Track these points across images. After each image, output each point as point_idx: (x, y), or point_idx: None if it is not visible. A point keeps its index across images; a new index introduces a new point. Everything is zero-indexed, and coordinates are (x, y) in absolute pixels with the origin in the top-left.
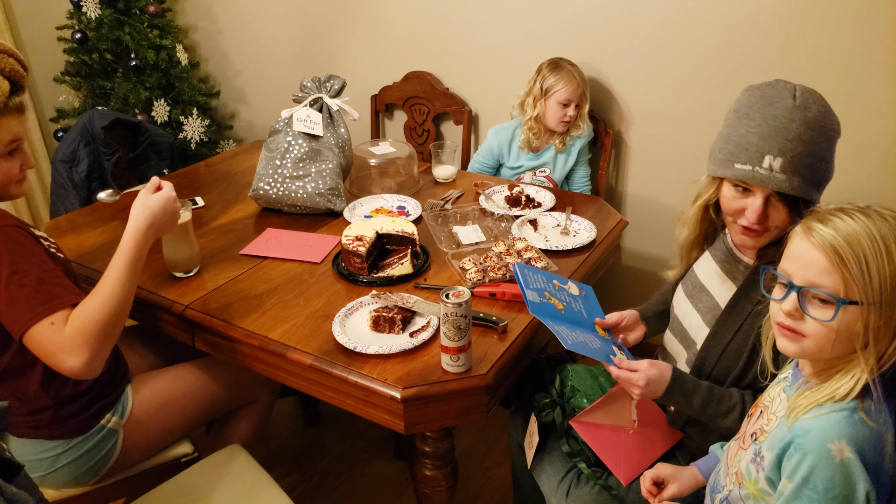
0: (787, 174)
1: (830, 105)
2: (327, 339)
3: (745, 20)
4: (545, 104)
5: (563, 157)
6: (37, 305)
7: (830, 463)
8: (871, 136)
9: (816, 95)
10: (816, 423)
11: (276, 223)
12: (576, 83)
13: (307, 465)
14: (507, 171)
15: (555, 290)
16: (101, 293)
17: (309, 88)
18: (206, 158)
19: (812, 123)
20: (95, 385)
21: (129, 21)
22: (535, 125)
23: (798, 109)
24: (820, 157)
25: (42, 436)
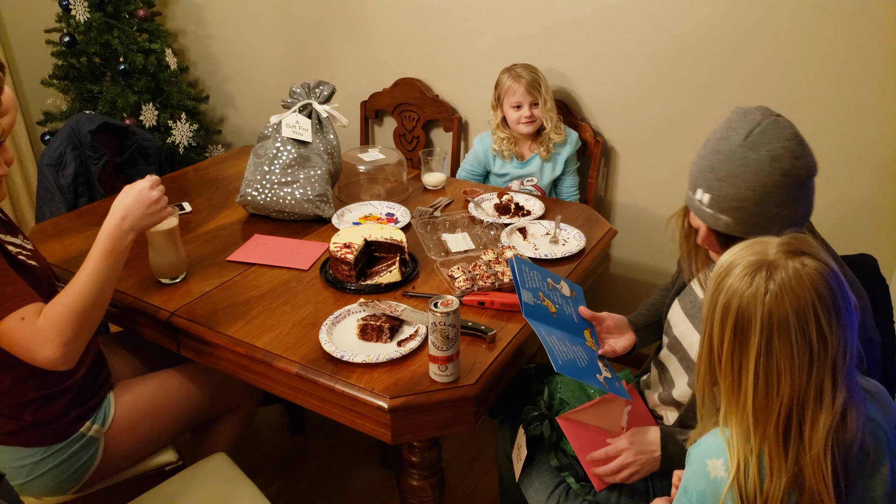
0: (714, 210)
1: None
2: (314, 347)
3: (735, 28)
4: (502, 110)
5: (550, 166)
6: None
7: (704, 477)
8: (867, 145)
9: (778, 135)
10: (705, 439)
11: (263, 229)
12: (522, 84)
13: (292, 474)
14: (495, 178)
15: (548, 291)
16: (76, 285)
17: (298, 94)
18: (194, 163)
19: (752, 166)
20: (73, 390)
21: (118, 25)
22: (502, 133)
23: (743, 148)
24: (756, 201)
25: (19, 443)
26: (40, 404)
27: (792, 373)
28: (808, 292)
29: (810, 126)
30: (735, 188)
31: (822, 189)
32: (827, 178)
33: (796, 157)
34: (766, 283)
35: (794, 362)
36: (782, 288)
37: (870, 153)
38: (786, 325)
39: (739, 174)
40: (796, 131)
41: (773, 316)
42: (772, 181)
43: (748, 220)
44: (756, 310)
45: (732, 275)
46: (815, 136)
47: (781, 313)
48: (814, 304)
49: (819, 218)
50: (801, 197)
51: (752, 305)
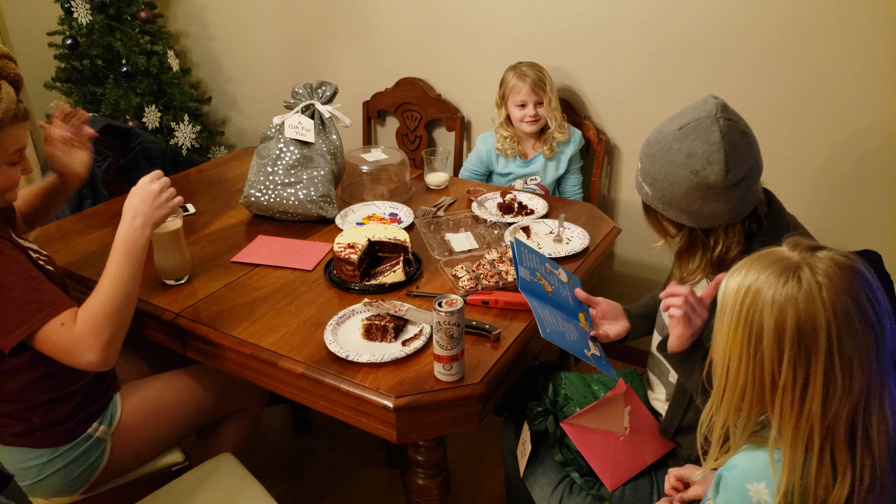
0: (641, 179)
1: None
2: (319, 347)
3: (737, 26)
4: (507, 108)
5: (553, 165)
6: (33, 313)
7: (746, 503)
8: (870, 140)
9: (704, 137)
10: (742, 461)
11: (267, 230)
12: (527, 83)
13: (298, 474)
14: (498, 177)
15: (545, 273)
16: (103, 288)
17: (301, 95)
18: (197, 165)
19: (670, 155)
20: (81, 392)
21: (121, 27)
22: (505, 131)
23: (671, 136)
24: (666, 185)
25: (27, 444)
26: (49, 406)
27: (862, 364)
28: (855, 276)
29: (812, 122)
30: (653, 167)
31: (826, 184)
32: (831, 173)
33: (710, 161)
34: (815, 278)
35: (861, 351)
36: (831, 279)
37: (874, 148)
38: (848, 313)
39: (659, 157)
40: (723, 139)
41: (837, 307)
42: (681, 174)
43: (662, 199)
44: (818, 308)
45: (768, 290)
46: (817, 132)
47: (842, 303)
48: (863, 287)
49: (824, 213)
50: (715, 199)
51: (812, 306)
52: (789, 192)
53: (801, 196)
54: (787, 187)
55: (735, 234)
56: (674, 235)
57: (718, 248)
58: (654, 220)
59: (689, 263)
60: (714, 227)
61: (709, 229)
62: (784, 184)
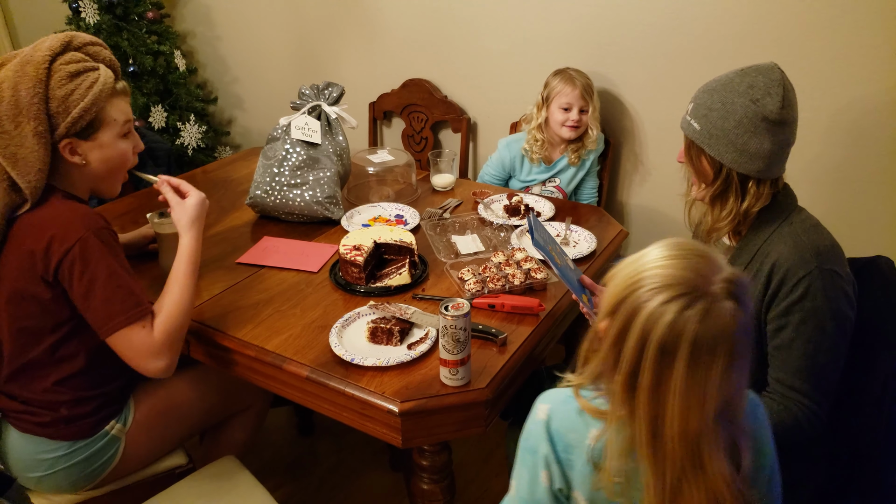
0: (691, 118)
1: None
2: (324, 350)
3: (751, 28)
4: (548, 110)
5: (575, 169)
6: (130, 307)
7: (533, 418)
8: (883, 145)
9: (765, 73)
10: (556, 392)
11: (273, 231)
12: (576, 87)
13: (302, 476)
14: (518, 184)
15: (557, 251)
16: (176, 299)
17: (307, 96)
18: (203, 165)
19: (730, 86)
20: (109, 391)
21: (128, 27)
22: (539, 134)
23: (733, 73)
24: (722, 115)
25: (47, 434)
26: (77, 402)
27: (703, 398)
28: (731, 330)
29: (825, 125)
30: (710, 99)
31: (837, 190)
32: (842, 178)
33: (769, 94)
34: (702, 312)
35: (705, 388)
36: (708, 312)
37: (886, 153)
38: (707, 348)
39: (718, 89)
40: (783, 80)
41: (698, 337)
42: (739, 102)
43: (712, 132)
44: (683, 336)
45: (652, 298)
46: (830, 137)
47: (705, 335)
48: (732, 346)
49: (835, 219)
50: (765, 135)
51: (681, 330)
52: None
53: (807, 197)
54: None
55: (765, 188)
56: (709, 181)
57: (749, 199)
58: (695, 162)
59: (720, 210)
60: (750, 173)
61: (745, 177)
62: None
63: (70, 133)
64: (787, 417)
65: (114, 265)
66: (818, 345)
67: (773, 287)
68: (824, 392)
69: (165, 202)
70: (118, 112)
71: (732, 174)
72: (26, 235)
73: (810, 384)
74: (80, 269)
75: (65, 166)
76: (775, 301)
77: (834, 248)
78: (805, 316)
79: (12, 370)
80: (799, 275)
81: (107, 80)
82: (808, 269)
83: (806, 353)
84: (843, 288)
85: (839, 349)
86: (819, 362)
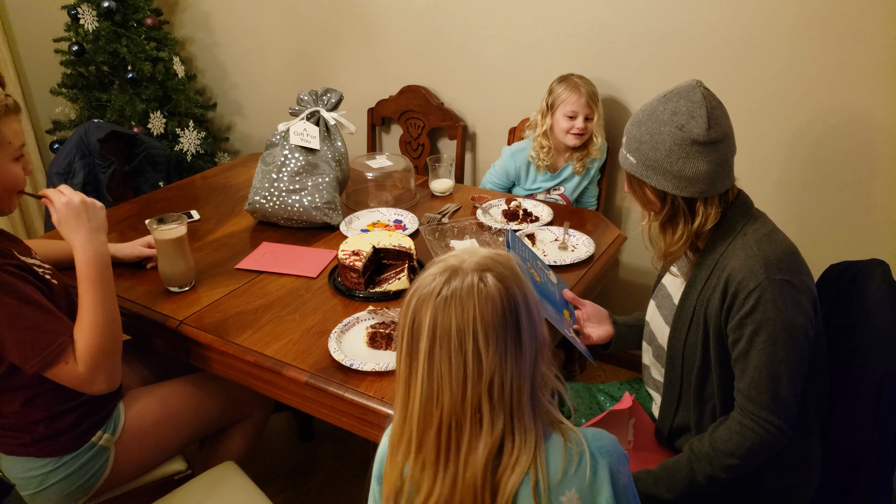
0: (625, 151)
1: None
2: (323, 355)
3: (750, 36)
4: (553, 118)
5: (579, 178)
6: (43, 348)
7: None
8: (881, 148)
9: (687, 97)
10: None
11: (271, 237)
12: (581, 94)
13: (302, 482)
14: (522, 192)
15: (536, 267)
16: (88, 320)
17: (306, 101)
18: (201, 171)
19: (655, 115)
20: (86, 402)
21: (127, 33)
22: (545, 141)
23: (656, 101)
24: (652, 146)
25: (32, 453)
26: (53, 418)
27: (451, 385)
28: (473, 309)
29: (821, 129)
30: (639, 131)
31: (834, 193)
32: (840, 182)
33: (693, 117)
34: (442, 286)
35: (451, 375)
36: (452, 296)
37: (883, 156)
38: (447, 334)
39: (644, 120)
40: (705, 99)
41: (438, 322)
42: (666, 131)
43: (647, 164)
44: (426, 312)
45: (427, 272)
46: (828, 141)
47: (445, 321)
48: (475, 322)
49: (832, 222)
50: (698, 157)
51: (425, 306)
52: (799, 196)
53: (800, 202)
54: (798, 192)
55: (713, 206)
56: (657, 209)
57: (698, 219)
58: (638, 193)
59: (671, 234)
60: (695, 195)
61: (690, 199)
62: (794, 189)
63: None
64: (748, 439)
65: (15, 306)
66: (772, 355)
67: (728, 300)
68: (783, 402)
69: None
70: (13, 134)
71: (678, 199)
72: None
73: (768, 395)
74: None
75: None
76: (731, 314)
77: (788, 257)
78: (757, 327)
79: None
80: (749, 287)
81: (2, 98)
82: (758, 280)
83: (760, 364)
84: (794, 297)
85: (795, 358)
86: (775, 372)
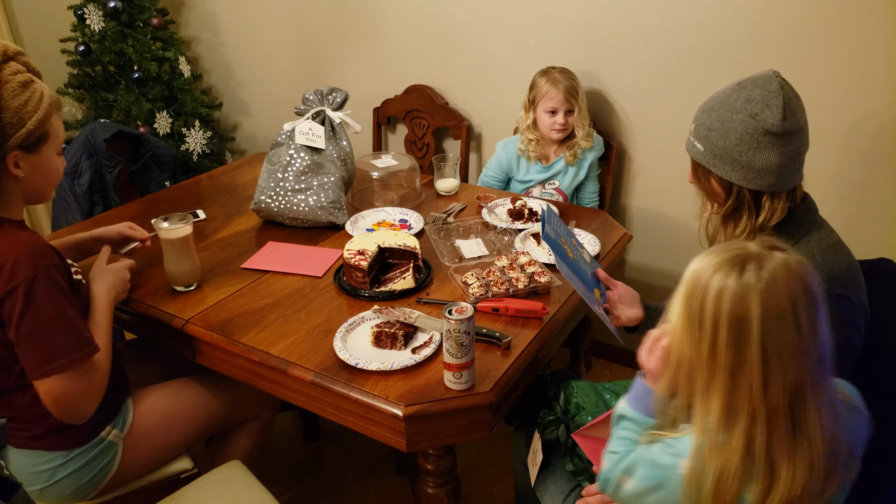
0: (693, 139)
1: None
2: (328, 354)
3: (749, 33)
4: (535, 113)
5: (574, 170)
6: (81, 346)
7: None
8: (889, 147)
9: (762, 85)
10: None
11: (277, 236)
12: (560, 90)
13: (307, 481)
14: (518, 184)
15: (571, 244)
16: (105, 345)
17: (311, 101)
18: (207, 170)
19: (727, 102)
20: None
21: (133, 33)
22: (531, 134)
23: (730, 89)
24: (722, 134)
25: (41, 447)
26: None
27: (795, 360)
28: (798, 282)
29: (826, 126)
30: (709, 118)
31: (842, 192)
32: (848, 180)
33: (768, 106)
34: (759, 273)
35: (794, 349)
36: (774, 277)
37: (891, 156)
38: (782, 313)
39: (716, 107)
40: (783, 88)
41: (770, 304)
42: (738, 119)
43: (715, 152)
44: (751, 302)
45: (713, 277)
46: (836, 139)
47: (777, 301)
48: (803, 294)
49: (839, 221)
50: (770, 149)
51: (746, 298)
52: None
53: None
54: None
55: (780, 202)
56: (721, 200)
57: (763, 214)
58: (703, 183)
59: (733, 228)
60: (762, 189)
61: (757, 193)
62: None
63: (20, 145)
64: None
65: (63, 306)
66: None
67: None
68: None
69: None
70: (59, 127)
71: (744, 191)
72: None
73: None
74: (19, 311)
75: (3, 181)
76: None
77: (850, 272)
78: None
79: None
80: None
81: (50, 93)
82: None
83: None
84: (851, 314)
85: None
86: None
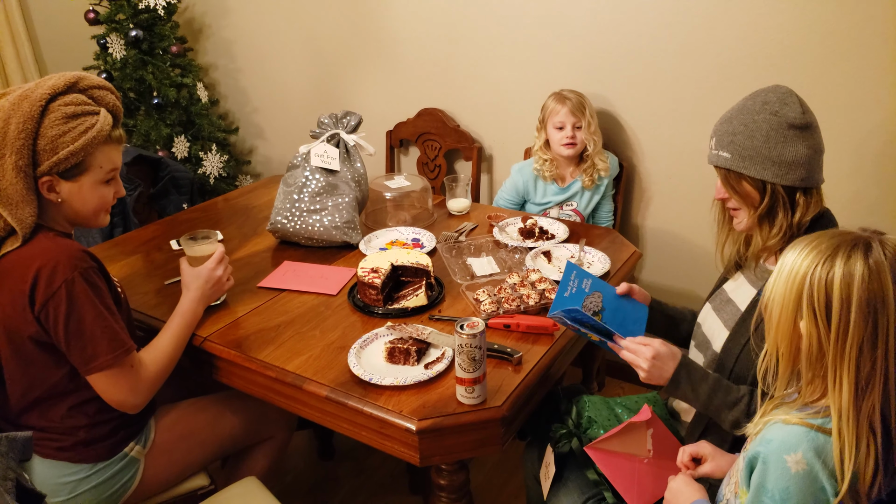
0: (717, 150)
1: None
2: (343, 370)
3: (754, 53)
4: (546, 131)
5: (589, 193)
6: (117, 347)
7: (786, 474)
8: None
9: (775, 90)
10: (776, 435)
11: (293, 256)
12: (567, 105)
13: (322, 499)
14: (534, 207)
15: (591, 299)
16: (164, 345)
17: (326, 124)
18: (224, 193)
19: (746, 108)
20: (125, 413)
21: (153, 61)
22: (544, 154)
23: (745, 99)
24: (747, 135)
25: (67, 458)
26: (94, 425)
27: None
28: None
29: (827, 122)
30: (730, 126)
31: (839, 189)
32: (846, 176)
33: (786, 103)
34: (883, 249)
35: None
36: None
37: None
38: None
39: (735, 115)
40: (793, 92)
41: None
42: (760, 118)
43: (743, 154)
44: (887, 281)
45: (834, 262)
46: (837, 137)
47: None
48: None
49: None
50: (797, 141)
51: (884, 278)
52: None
53: None
54: None
55: (812, 198)
56: (756, 203)
57: (799, 211)
58: (736, 189)
59: (770, 228)
60: (795, 183)
61: (791, 189)
62: None
63: (52, 171)
64: None
65: (100, 307)
66: None
67: None
68: None
69: None
70: (106, 160)
71: (778, 189)
72: (12, 274)
73: None
74: (65, 311)
75: (44, 201)
76: None
77: None
78: None
79: (28, 403)
80: None
81: (103, 127)
82: None
83: None
84: None
85: None
86: None
